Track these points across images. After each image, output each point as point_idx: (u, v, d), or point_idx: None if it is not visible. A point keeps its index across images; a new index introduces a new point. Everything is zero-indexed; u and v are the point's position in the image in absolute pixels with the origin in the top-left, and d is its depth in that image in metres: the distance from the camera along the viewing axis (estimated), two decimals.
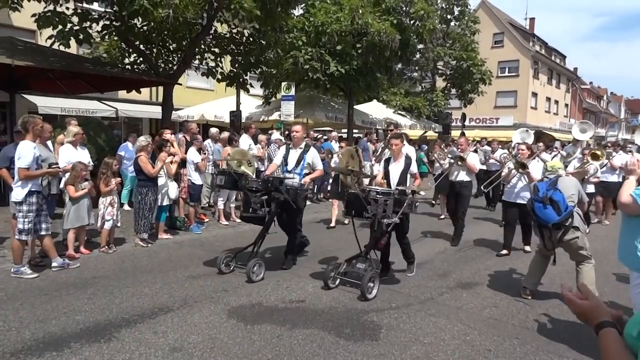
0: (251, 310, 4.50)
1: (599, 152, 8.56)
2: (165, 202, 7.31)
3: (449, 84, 24.63)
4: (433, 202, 11.68)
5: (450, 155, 9.06)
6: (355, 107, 17.35)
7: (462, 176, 7.66)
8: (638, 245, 3.52)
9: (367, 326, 4.21)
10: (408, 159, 5.76)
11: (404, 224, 5.36)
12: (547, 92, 41.50)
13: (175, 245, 7.01)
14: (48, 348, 3.55)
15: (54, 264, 5.47)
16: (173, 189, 7.33)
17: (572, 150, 10.43)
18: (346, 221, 8.83)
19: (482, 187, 10.11)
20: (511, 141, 11.02)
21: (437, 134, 23.38)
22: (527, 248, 7.17)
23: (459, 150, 8.05)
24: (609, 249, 6.80)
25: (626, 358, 1.18)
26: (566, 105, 46.37)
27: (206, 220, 8.74)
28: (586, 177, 8.30)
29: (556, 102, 43.52)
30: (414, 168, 5.75)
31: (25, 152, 5.09)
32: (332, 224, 8.84)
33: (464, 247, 7.54)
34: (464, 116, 25.24)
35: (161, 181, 7.04)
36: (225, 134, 9.67)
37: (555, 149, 12.87)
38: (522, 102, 37.58)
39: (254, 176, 5.96)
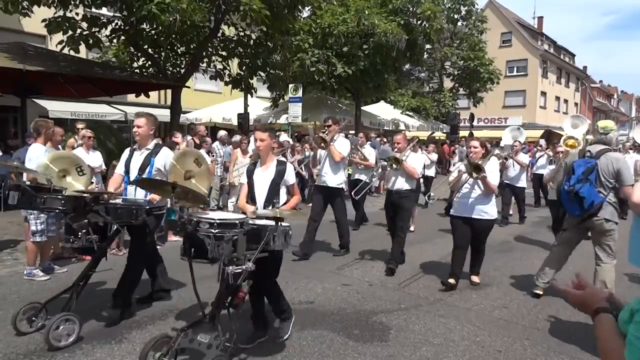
0: None
1: (572, 141, 6.95)
2: None
3: (456, 84, 24.55)
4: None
5: (381, 158, 7.69)
6: (362, 108, 17.37)
7: (401, 183, 6.03)
8: None
9: (377, 327, 4.20)
10: (281, 164, 3.91)
11: (269, 265, 3.52)
12: (557, 91, 41.22)
13: None
14: (60, 349, 3.58)
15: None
16: None
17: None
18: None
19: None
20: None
21: (445, 135, 23.34)
22: (476, 279, 5.57)
23: (395, 149, 6.25)
24: (620, 248, 6.72)
25: (617, 340, 1.23)
26: (576, 104, 46.00)
27: None
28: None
29: (565, 101, 43.20)
30: (290, 177, 3.88)
31: (36, 156, 5.15)
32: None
33: None
34: (472, 116, 25.17)
35: None
36: (237, 137, 9.70)
37: (539, 147, 11.33)
38: (531, 101, 37.35)
39: (84, 188, 4.31)
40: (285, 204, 3.83)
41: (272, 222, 3.25)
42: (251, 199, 3.85)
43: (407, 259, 6.67)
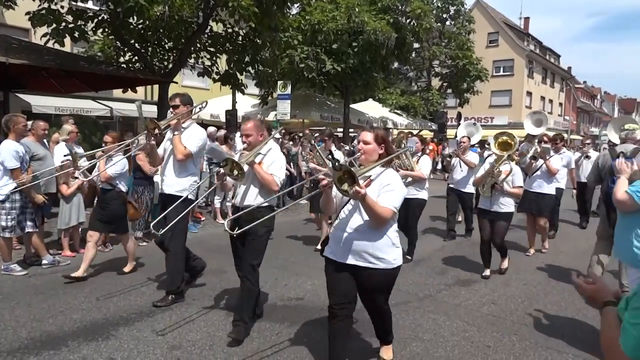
0: None
1: (507, 139, 5.48)
2: None
3: (444, 83, 24.75)
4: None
5: (213, 158, 6.07)
6: (351, 105, 17.38)
7: (252, 197, 3.78)
8: (634, 241, 3.56)
9: (366, 323, 4.18)
10: None
11: None
12: (542, 91, 41.75)
13: None
14: (45, 347, 3.52)
15: (44, 262, 5.51)
16: None
17: (526, 149, 7.83)
18: None
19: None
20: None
21: (432, 133, 23.50)
22: (387, 355, 3.52)
23: (243, 145, 4.04)
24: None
25: (618, 331, 1.28)
26: (560, 104, 46.68)
27: (202, 219, 8.70)
28: (497, 183, 5.39)
29: (550, 101, 43.78)
30: None
31: (7, 153, 5.05)
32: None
33: (461, 245, 7.55)
34: (459, 115, 25.36)
35: (157, 179, 7.01)
36: (222, 132, 9.66)
37: (487, 146, 10.33)
38: (517, 101, 37.78)
39: None
40: None
41: None
42: None
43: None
